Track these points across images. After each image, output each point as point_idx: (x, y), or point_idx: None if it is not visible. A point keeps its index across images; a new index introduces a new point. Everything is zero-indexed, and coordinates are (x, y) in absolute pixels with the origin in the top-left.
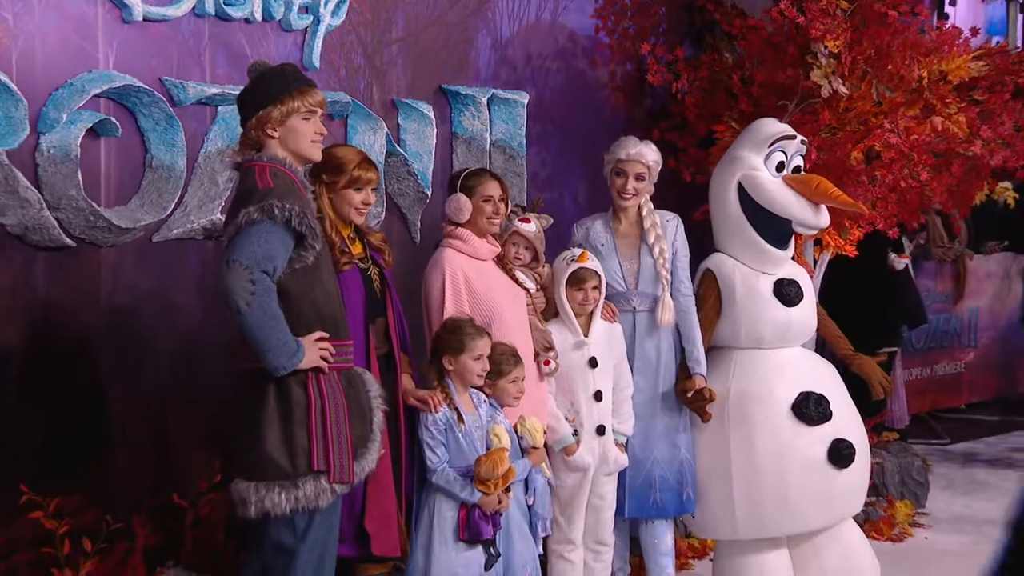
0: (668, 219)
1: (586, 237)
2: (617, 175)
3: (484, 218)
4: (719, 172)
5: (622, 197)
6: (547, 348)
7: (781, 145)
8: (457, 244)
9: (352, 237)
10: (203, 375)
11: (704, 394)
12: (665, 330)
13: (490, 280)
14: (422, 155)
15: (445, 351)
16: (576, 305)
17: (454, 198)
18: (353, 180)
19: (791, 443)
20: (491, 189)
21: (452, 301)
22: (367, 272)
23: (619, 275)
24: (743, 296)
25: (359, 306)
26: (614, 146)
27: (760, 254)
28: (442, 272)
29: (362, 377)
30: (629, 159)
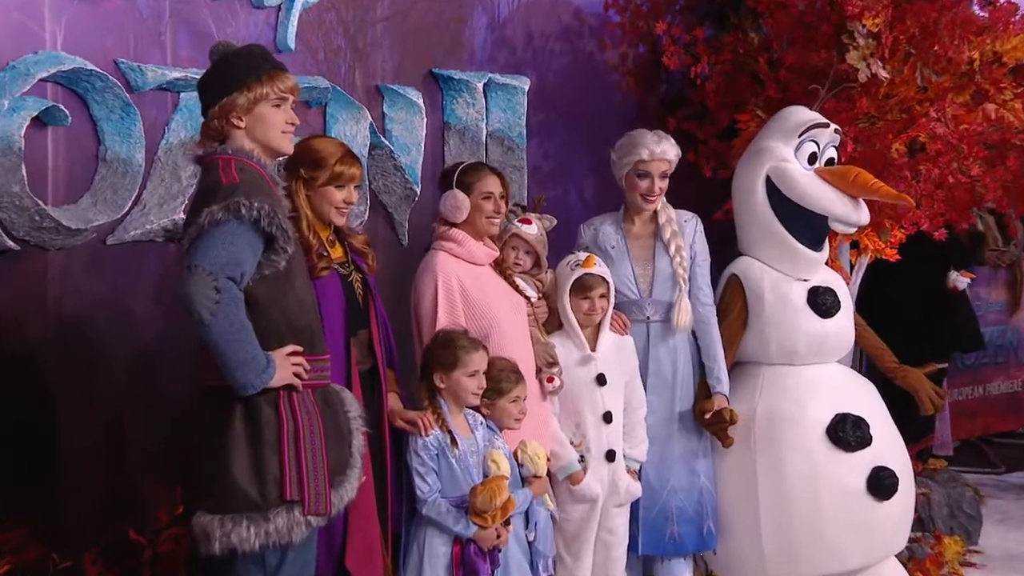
0: (686, 219)
1: (594, 239)
2: (640, 177)
3: (483, 218)
4: (744, 165)
5: (647, 200)
6: (550, 363)
7: (813, 134)
8: (451, 247)
9: (331, 239)
10: (163, 393)
11: (724, 415)
12: (682, 343)
13: (487, 287)
14: (410, 147)
15: (436, 367)
16: (582, 315)
17: (450, 195)
18: (334, 176)
19: (826, 470)
20: (491, 185)
21: (445, 311)
22: (348, 278)
23: (631, 281)
24: (773, 305)
25: (338, 316)
26: (628, 144)
27: (792, 257)
28: (434, 278)
29: (340, 396)
30: (653, 158)
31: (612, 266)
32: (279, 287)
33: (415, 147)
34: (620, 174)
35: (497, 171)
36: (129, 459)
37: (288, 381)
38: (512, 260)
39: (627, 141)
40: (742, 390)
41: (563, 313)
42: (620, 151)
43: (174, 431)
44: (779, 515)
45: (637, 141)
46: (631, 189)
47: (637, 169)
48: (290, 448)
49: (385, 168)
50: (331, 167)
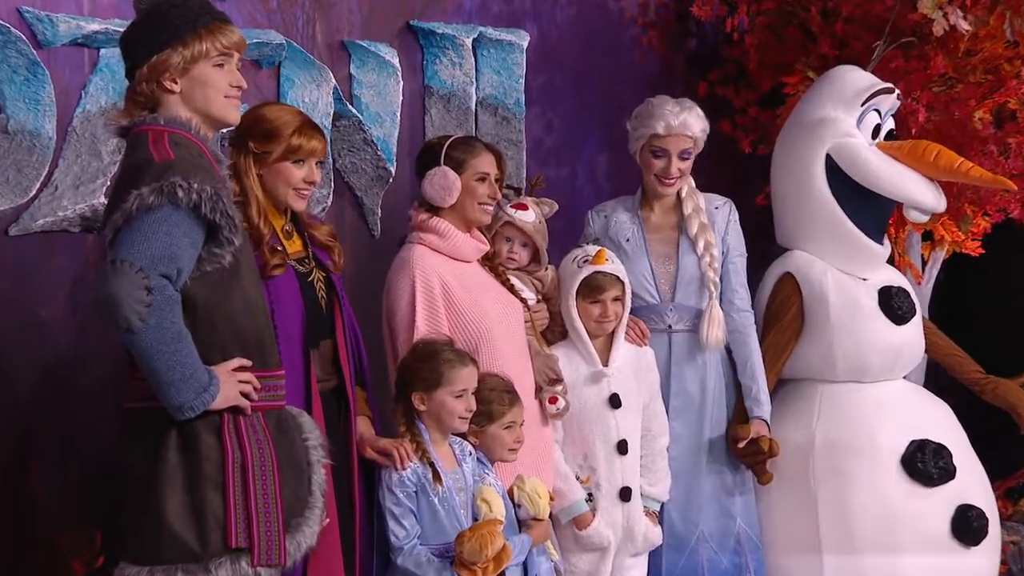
0: (717, 205)
1: (605, 229)
2: (654, 154)
3: (475, 204)
4: (794, 141)
5: (663, 183)
6: (553, 380)
7: (876, 102)
8: (431, 240)
9: (288, 230)
10: (78, 418)
11: (761, 445)
12: (712, 357)
13: (475, 288)
14: (383, 117)
15: (416, 385)
16: (591, 323)
17: (439, 173)
18: (291, 150)
19: (903, 510)
20: (486, 164)
21: (425, 317)
22: (308, 277)
23: (650, 282)
24: (840, 311)
25: (296, 323)
26: (644, 113)
27: (855, 251)
28: (411, 278)
29: (298, 421)
30: (671, 133)
31: (627, 263)
32: (223, 287)
33: (389, 117)
34: (634, 150)
35: (493, 147)
36: (36, 498)
37: (234, 402)
38: (505, 254)
39: (644, 110)
40: (796, 414)
41: (568, 320)
42: (636, 121)
43: (92, 464)
44: (847, 565)
45: (654, 111)
46: (646, 168)
47: (652, 145)
48: (236, 484)
49: (353, 142)
50: (287, 138)
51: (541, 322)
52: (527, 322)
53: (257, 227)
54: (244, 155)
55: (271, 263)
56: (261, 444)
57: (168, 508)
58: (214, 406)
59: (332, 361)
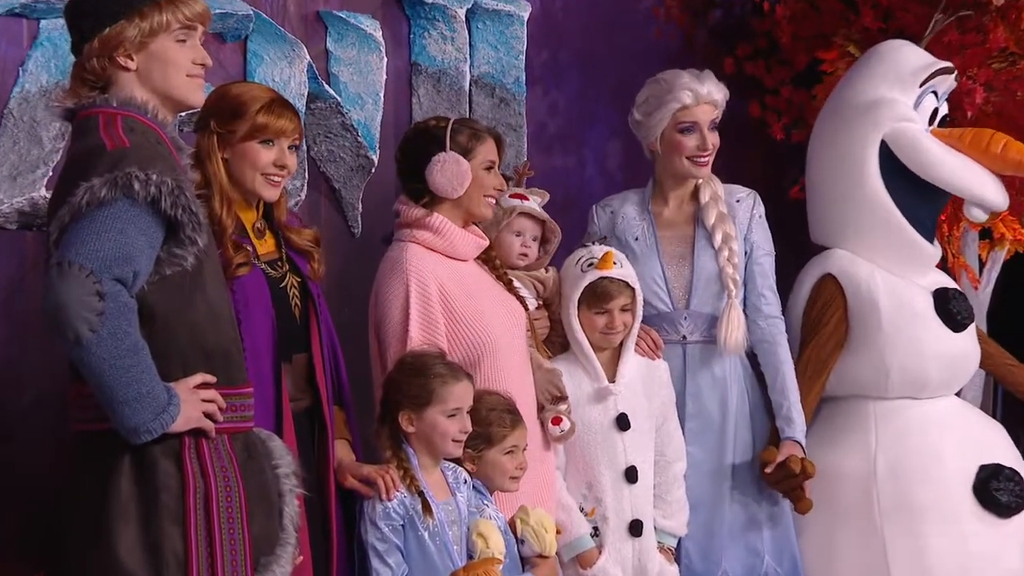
0: (739, 197)
1: (611, 227)
2: (684, 132)
3: (481, 196)
4: (842, 124)
5: (698, 162)
6: (557, 398)
7: (935, 83)
8: (426, 237)
9: (260, 227)
10: (18, 442)
11: (792, 466)
12: (734, 371)
13: (476, 292)
14: (365, 99)
15: (403, 404)
16: (596, 335)
17: (450, 160)
18: (258, 128)
19: (979, 545)
20: (493, 151)
21: (420, 327)
22: (281, 283)
23: (661, 286)
24: (893, 316)
25: (265, 334)
26: (657, 92)
27: (907, 252)
28: (404, 282)
29: (268, 445)
30: (699, 102)
31: (635, 265)
32: (185, 293)
33: (371, 98)
34: (652, 136)
35: (494, 132)
36: None
37: (196, 424)
38: (518, 250)
39: (655, 89)
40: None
41: (570, 330)
42: (648, 105)
43: (33, 494)
44: None
45: (672, 84)
46: (673, 151)
47: (678, 122)
48: (198, 518)
49: (330, 127)
50: (253, 115)
51: (542, 330)
52: (528, 330)
53: (220, 218)
54: (207, 136)
55: (234, 261)
56: (227, 472)
57: (121, 544)
58: (173, 428)
59: (306, 378)
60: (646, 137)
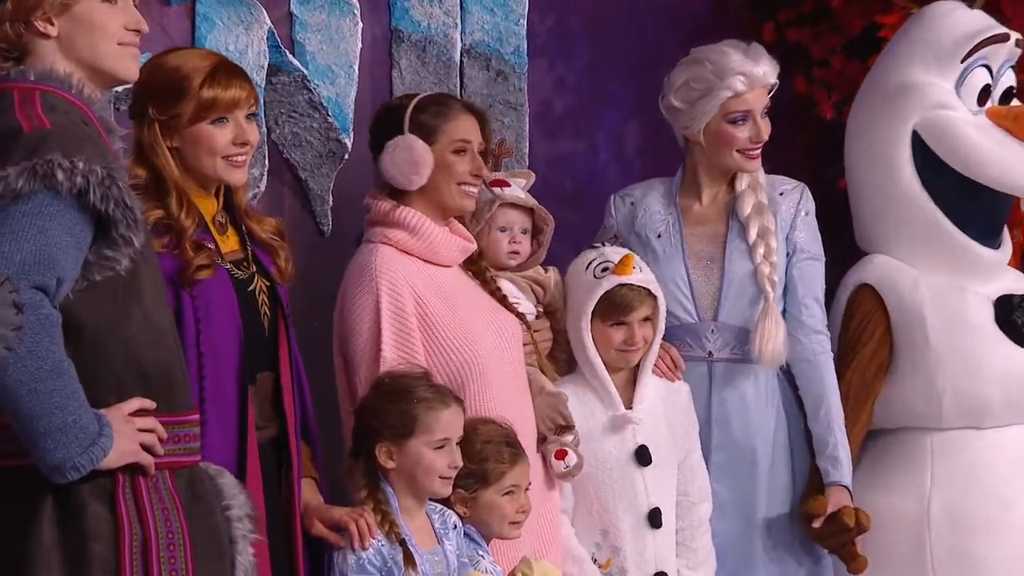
0: (783, 190)
1: (630, 221)
2: (734, 122)
3: (452, 184)
4: (873, 112)
5: (751, 154)
6: (561, 428)
7: (984, 55)
8: (400, 238)
9: (222, 220)
10: None
11: (846, 520)
12: (770, 395)
13: (461, 303)
14: (336, 72)
15: (381, 434)
16: (612, 352)
17: (401, 143)
18: (205, 105)
19: None
20: (466, 129)
21: (394, 344)
22: (249, 287)
23: (685, 292)
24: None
25: (231, 348)
26: (701, 74)
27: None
28: (374, 291)
29: (216, 482)
30: (754, 86)
31: (656, 267)
32: (119, 303)
33: (344, 71)
34: (695, 127)
35: (474, 107)
36: None
37: (133, 459)
38: (506, 249)
39: (699, 72)
40: (901, 477)
41: (579, 348)
42: (690, 91)
43: None
44: None
45: (721, 67)
46: (721, 144)
47: (729, 111)
48: (135, 569)
49: (295, 105)
50: (196, 91)
51: (542, 345)
52: (526, 345)
53: (178, 220)
54: (147, 126)
55: (195, 263)
56: (168, 515)
57: None
58: (105, 464)
59: (272, 402)
60: (686, 127)
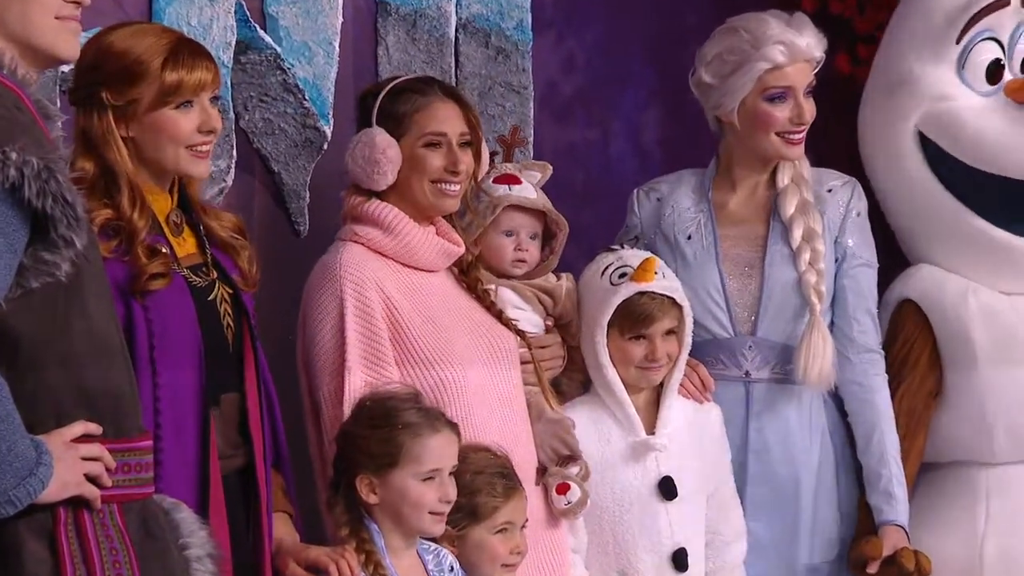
0: (832, 186)
1: (655, 219)
2: (772, 100)
3: (424, 182)
4: (876, 110)
5: (791, 139)
6: (565, 459)
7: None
8: (373, 236)
9: (177, 220)
10: None
11: (902, 562)
12: (815, 421)
13: (439, 313)
14: (314, 50)
15: (363, 464)
16: (631, 370)
17: (363, 138)
18: (169, 88)
19: None
20: (443, 119)
21: (361, 355)
22: (209, 295)
23: (719, 303)
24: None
25: (190, 366)
26: (736, 45)
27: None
28: (337, 293)
29: (172, 517)
30: (795, 60)
31: (686, 273)
32: (59, 314)
33: (323, 49)
34: (728, 106)
35: (454, 92)
36: None
37: (76, 491)
38: (512, 255)
39: (734, 42)
40: (950, 516)
41: (595, 365)
42: (722, 63)
43: None
44: None
45: (758, 36)
46: (758, 125)
47: (767, 87)
48: None
49: (267, 88)
50: (158, 73)
51: (551, 363)
52: (526, 363)
53: (130, 220)
54: (98, 113)
55: (148, 271)
56: (117, 555)
57: None
58: (44, 497)
59: (238, 427)
60: (718, 106)
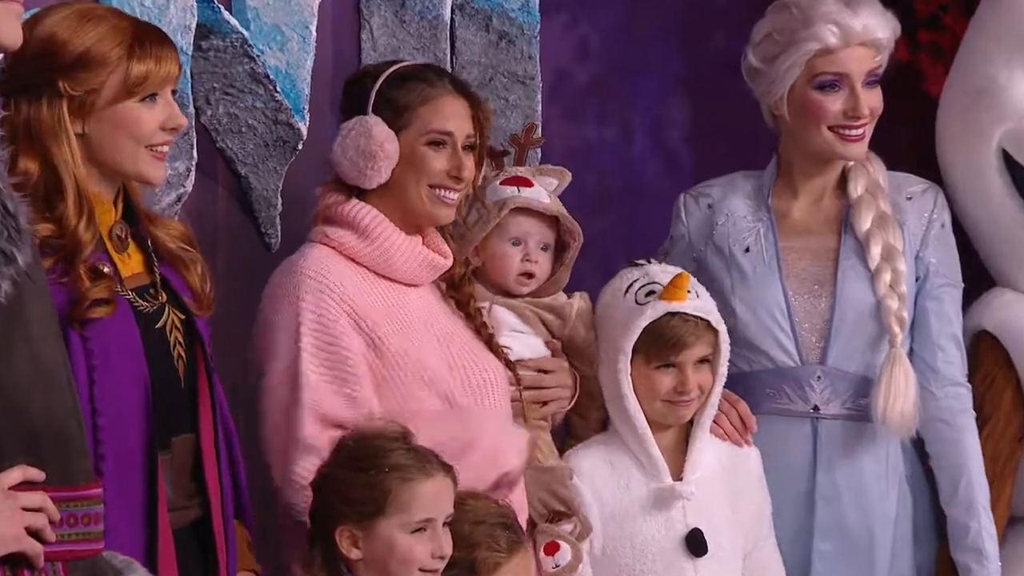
0: (911, 193)
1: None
2: (823, 88)
3: (422, 187)
4: (956, 120)
5: (847, 135)
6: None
7: None
8: (345, 240)
9: (122, 234)
10: None
11: None
12: (894, 460)
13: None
14: (288, 34)
15: (344, 514)
16: (658, 403)
17: (358, 127)
18: (137, 80)
19: None
20: (448, 116)
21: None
22: (157, 323)
23: (783, 326)
24: None
25: (135, 406)
26: (788, 19)
27: None
28: (294, 304)
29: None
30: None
31: (746, 291)
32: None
33: (298, 34)
34: (776, 92)
35: (466, 89)
36: None
37: (14, 547)
38: (517, 267)
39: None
40: None
41: (615, 397)
42: (771, 45)
43: None
44: None
45: (808, 13)
46: (808, 118)
47: (816, 73)
48: None
49: (232, 79)
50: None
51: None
52: (515, 401)
53: (74, 234)
54: (49, 104)
55: (90, 296)
56: None
57: None
58: None
59: (193, 473)
60: (767, 94)
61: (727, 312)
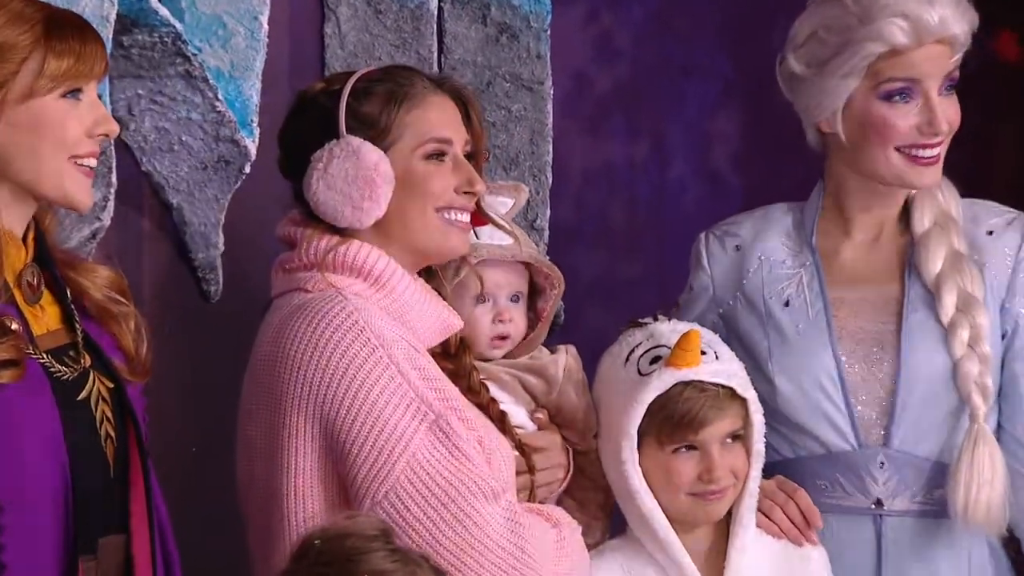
0: (993, 226)
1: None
2: (890, 98)
3: (429, 211)
4: None
5: (919, 157)
6: None
7: None
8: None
9: (34, 280)
10: None
11: None
12: (978, 561)
13: None
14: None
15: None
16: (683, 497)
17: (341, 151)
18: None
19: None
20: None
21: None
22: (79, 394)
23: (836, 401)
24: None
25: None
26: (841, 13)
27: None
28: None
29: None
30: (925, 40)
31: (785, 355)
32: None
33: (245, 28)
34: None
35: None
36: None
37: None
38: (488, 329)
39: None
40: None
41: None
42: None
43: None
44: None
45: (868, 4)
46: (872, 137)
47: (882, 79)
48: None
49: (162, 85)
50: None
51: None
52: None
53: None
54: None
55: None
56: None
57: None
58: None
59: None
60: (815, 108)
61: (763, 383)
